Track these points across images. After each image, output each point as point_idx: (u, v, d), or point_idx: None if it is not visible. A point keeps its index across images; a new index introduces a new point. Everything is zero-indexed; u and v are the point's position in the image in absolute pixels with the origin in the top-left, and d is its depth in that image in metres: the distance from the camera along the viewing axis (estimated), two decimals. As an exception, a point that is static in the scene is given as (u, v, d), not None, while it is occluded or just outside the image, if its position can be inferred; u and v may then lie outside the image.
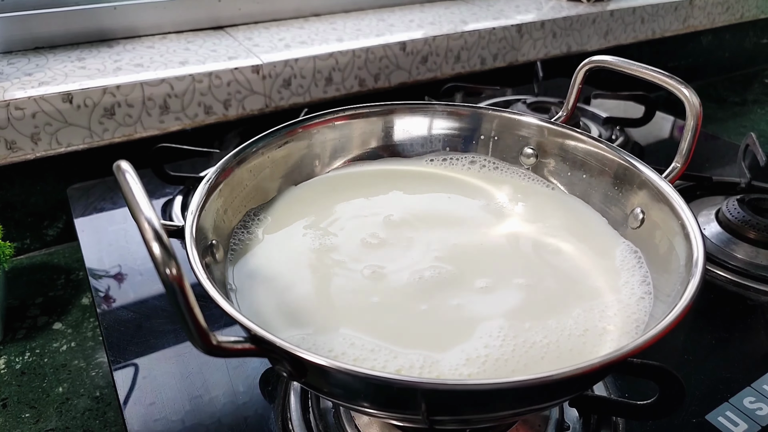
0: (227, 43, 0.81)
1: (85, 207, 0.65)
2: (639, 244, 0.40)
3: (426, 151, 0.50)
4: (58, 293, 0.62)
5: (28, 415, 0.49)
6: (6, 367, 0.53)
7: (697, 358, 0.47)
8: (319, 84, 0.81)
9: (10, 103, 0.62)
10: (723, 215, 0.60)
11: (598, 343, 0.33)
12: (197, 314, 0.24)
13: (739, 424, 0.41)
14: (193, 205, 0.35)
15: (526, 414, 0.38)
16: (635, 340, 0.27)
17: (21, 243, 0.70)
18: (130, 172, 0.27)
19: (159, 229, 0.24)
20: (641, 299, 0.36)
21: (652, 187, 0.39)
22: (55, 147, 0.67)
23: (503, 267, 0.39)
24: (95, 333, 0.57)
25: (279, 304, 0.36)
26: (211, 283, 0.29)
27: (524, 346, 0.33)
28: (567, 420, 0.41)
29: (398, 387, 0.26)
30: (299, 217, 0.43)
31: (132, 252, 0.59)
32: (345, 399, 0.31)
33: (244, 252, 0.40)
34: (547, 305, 0.36)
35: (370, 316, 0.35)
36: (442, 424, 0.31)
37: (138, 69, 0.71)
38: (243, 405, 0.43)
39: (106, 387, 0.52)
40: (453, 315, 0.35)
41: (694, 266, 0.32)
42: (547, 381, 0.26)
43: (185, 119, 0.73)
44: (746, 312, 0.53)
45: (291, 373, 0.28)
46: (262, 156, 0.43)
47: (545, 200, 0.45)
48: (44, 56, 0.74)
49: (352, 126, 0.48)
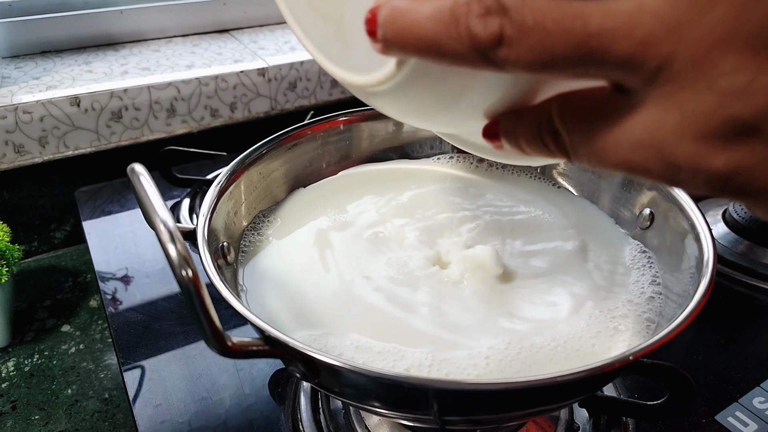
0: (233, 47, 0.81)
1: (93, 210, 0.65)
2: (648, 244, 0.40)
3: (435, 152, 0.50)
4: (65, 296, 0.62)
5: (37, 417, 0.49)
6: (15, 370, 0.53)
7: (706, 359, 0.47)
8: (325, 86, 0.81)
9: (18, 107, 0.63)
10: (730, 215, 0.60)
11: (610, 343, 0.33)
12: (213, 316, 0.24)
13: (749, 424, 0.41)
14: (205, 207, 0.35)
15: (537, 415, 0.38)
16: (647, 341, 0.27)
17: (29, 246, 0.70)
18: (144, 175, 0.27)
19: (175, 232, 0.24)
20: (651, 299, 0.36)
21: (661, 189, 0.39)
22: (63, 150, 0.67)
23: (512, 264, 0.39)
24: (103, 335, 0.57)
25: (289, 305, 0.36)
26: (224, 285, 0.29)
27: (531, 350, 0.33)
28: (577, 421, 0.41)
29: (412, 387, 0.26)
30: (309, 219, 0.43)
31: (139, 254, 0.59)
32: (357, 399, 0.31)
33: (255, 253, 0.40)
34: (557, 305, 0.36)
35: (378, 316, 0.35)
36: (453, 424, 0.31)
37: (145, 72, 0.72)
38: (249, 407, 0.43)
39: (115, 389, 0.52)
40: (460, 315, 0.35)
41: (704, 267, 0.32)
42: (560, 381, 0.26)
43: (192, 122, 0.74)
44: (754, 312, 0.53)
45: (304, 373, 0.28)
46: (272, 158, 0.43)
47: (554, 201, 0.45)
48: (51, 60, 0.74)
49: (360, 128, 0.48)
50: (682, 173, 0.19)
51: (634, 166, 0.19)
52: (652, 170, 0.19)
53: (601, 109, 0.20)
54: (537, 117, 0.22)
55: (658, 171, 0.19)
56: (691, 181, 0.19)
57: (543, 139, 0.22)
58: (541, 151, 0.22)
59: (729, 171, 0.18)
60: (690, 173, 0.18)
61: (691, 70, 0.17)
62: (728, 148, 0.18)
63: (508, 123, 0.24)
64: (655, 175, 0.19)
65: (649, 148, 0.19)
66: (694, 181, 0.19)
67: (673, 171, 0.19)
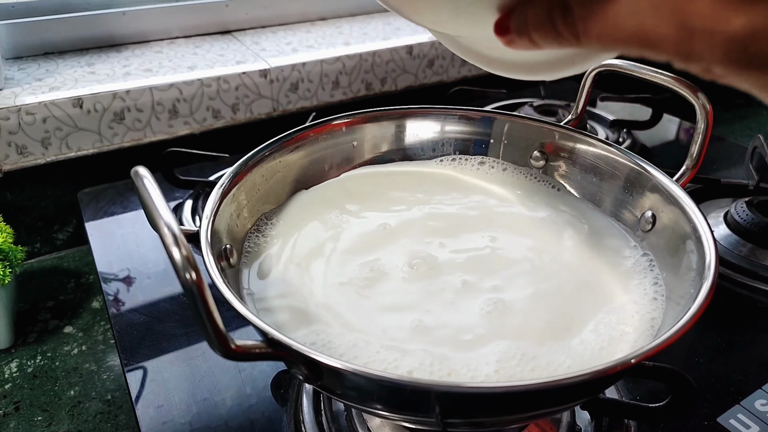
0: (235, 48, 0.81)
1: (96, 211, 0.66)
2: (650, 246, 0.40)
3: (437, 154, 0.50)
4: (68, 297, 0.62)
5: (40, 419, 0.49)
6: (18, 371, 0.54)
7: (708, 361, 0.47)
8: (327, 88, 0.81)
9: (21, 109, 0.63)
10: (732, 218, 0.60)
11: (614, 345, 0.33)
12: (216, 318, 0.24)
13: (751, 426, 0.41)
14: (208, 209, 0.35)
15: (539, 417, 0.38)
16: (649, 344, 0.27)
17: (31, 247, 0.70)
18: (148, 178, 0.27)
19: (178, 235, 0.24)
20: (654, 300, 0.36)
21: (663, 191, 0.39)
22: (66, 152, 0.67)
23: (514, 270, 0.39)
24: (106, 336, 0.57)
25: (292, 306, 0.36)
26: (228, 288, 0.29)
27: (534, 351, 0.33)
28: (578, 423, 0.41)
29: (414, 389, 0.27)
30: (311, 221, 0.43)
31: (142, 256, 0.59)
32: (360, 401, 0.31)
33: (258, 255, 0.40)
34: (560, 309, 0.36)
35: (381, 318, 0.35)
36: (455, 426, 0.31)
37: (147, 74, 0.72)
38: (251, 408, 0.43)
39: (117, 390, 0.52)
40: (464, 323, 0.35)
41: (706, 269, 0.32)
42: (562, 384, 0.26)
43: (194, 123, 0.74)
44: (756, 314, 0.53)
45: (307, 376, 0.28)
46: (274, 160, 0.43)
47: (555, 203, 0.45)
48: (54, 62, 0.74)
49: (363, 130, 0.48)
50: (696, 38, 0.17)
51: (648, 34, 0.18)
52: (666, 37, 0.18)
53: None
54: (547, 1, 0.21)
55: (672, 37, 0.18)
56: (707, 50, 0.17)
57: (553, 20, 0.21)
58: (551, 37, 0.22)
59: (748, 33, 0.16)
60: (706, 37, 0.17)
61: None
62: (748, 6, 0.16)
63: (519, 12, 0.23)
64: (668, 44, 0.18)
65: (665, 12, 0.17)
66: (710, 48, 0.17)
67: (688, 36, 0.17)
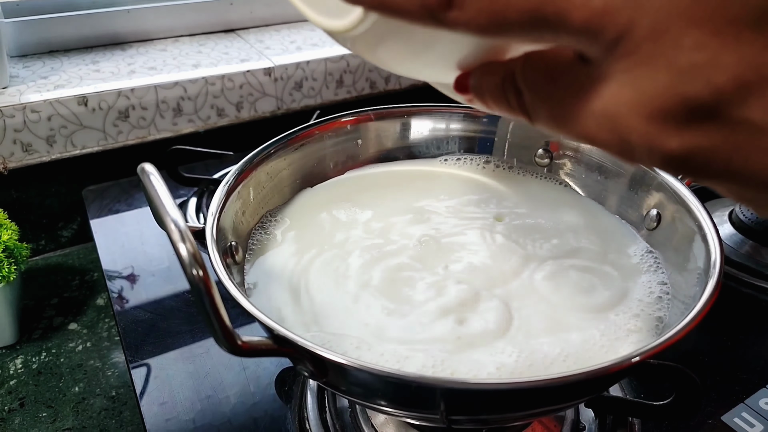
0: (239, 46, 0.81)
1: (100, 208, 0.66)
2: (655, 245, 0.40)
3: (442, 152, 0.50)
4: (73, 294, 0.62)
5: (45, 415, 0.50)
6: (23, 367, 0.54)
7: (712, 359, 0.47)
8: (330, 86, 0.81)
9: (26, 106, 0.63)
10: (736, 216, 0.60)
11: (620, 343, 0.33)
12: (223, 314, 0.24)
13: (755, 425, 0.41)
14: (213, 206, 0.36)
15: (543, 415, 0.38)
16: (654, 342, 0.27)
17: (36, 244, 0.70)
18: (154, 174, 0.27)
19: (185, 231, 0.24)
20: (659, 298, 0.36)
21: (668, 189, 0.39)
22: (70, 149, 0.68)
23: (520, 270, 0.39)
24: (110, 333, 0.58)
25: (296, 303, 0.36)
26: (234, 284, 0.29)
27: (539, 352, 0.33)
28: (582, 420, 0.41)
29: (419, 386, 0.27)
30: (315, 218, 0.43)
31: (146, 253, 0.59)
32: (365, 398, 0.31)
33: (262, 252, 0.40)
34: (564, 307, 0.36)
35: (385, 316, 0.35)
36: (460, 423, 0.31)
37: (151, 72, 0.72)
38: (255, 405, 0.43)
39: (122, 387, 0.52)
40: (462, 317, 0.35)
41: (712, 268, 0.32)
42: (566, 381, 0.26)
43: (198, 121, 0.74)
44: (761, 313, 0.53)
45: (312, 372, 0.28)
46: (279, 158, 0.43)
47: (560, 202, 0.45)
48: (59, 60, 0.74)
49: (367, 128, 0.48)
50: (636, 151, 0.18)
51: (592, 138, 0.19)
52: (609, 144, 0.19)
53: (563, 75, 0.19)
54: (502, 73, 0.22)
55: (614, 146, 0.19)
56: (647, 160, 0.18)
57: (506, 95, 0.22)
58: (504, 109, 0.22)
59: (684, 153, 0.17)
60: (644, 152, 0.18)
61: (651, 42, 0.16)
62: (683, 131, 0.17)
63: (476, 76, 0.24)
64: (612, 149, 0.19)
65: (605, 123, 0.18)
66: (650, 159, 0.18)
67: (629, 148, 0.18)
